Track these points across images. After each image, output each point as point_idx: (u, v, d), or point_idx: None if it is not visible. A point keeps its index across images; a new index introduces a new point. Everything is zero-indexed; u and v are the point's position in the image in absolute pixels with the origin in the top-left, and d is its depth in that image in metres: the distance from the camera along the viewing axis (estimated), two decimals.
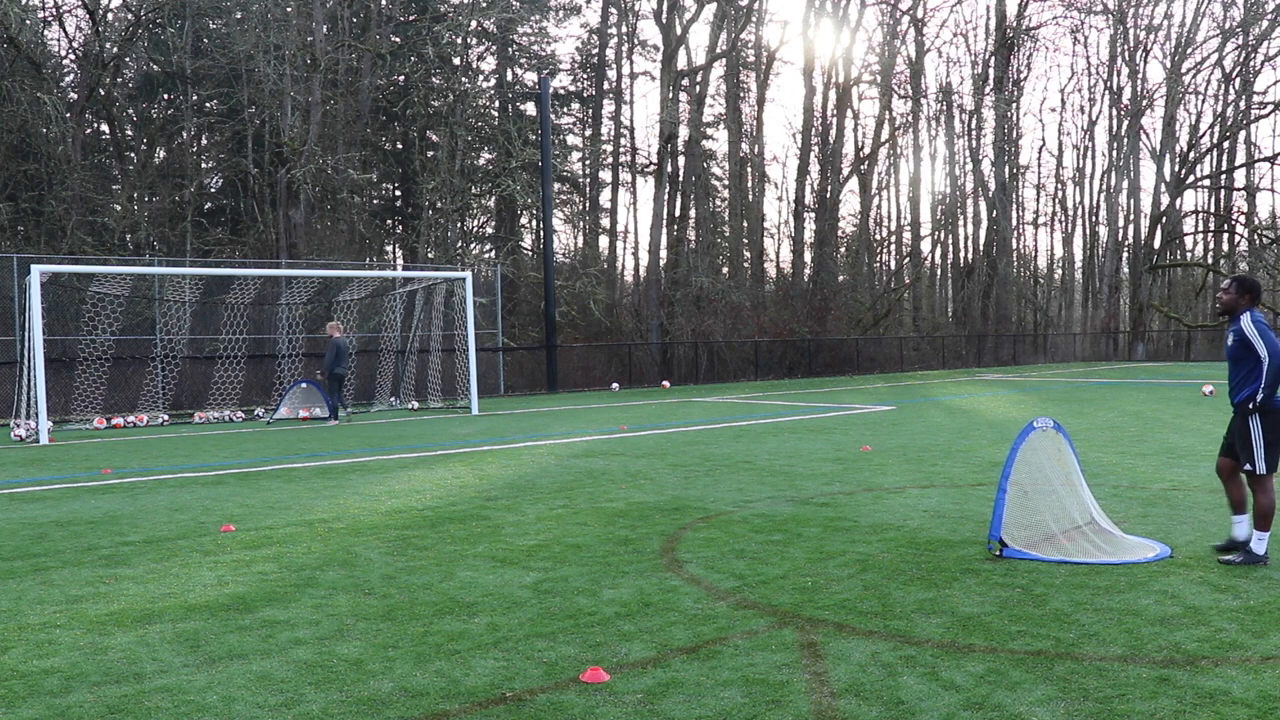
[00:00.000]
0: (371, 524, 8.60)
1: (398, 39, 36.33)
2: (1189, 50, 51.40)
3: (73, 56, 33.34)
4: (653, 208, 38.53)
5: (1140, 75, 52.65)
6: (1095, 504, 7.65)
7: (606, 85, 46.00)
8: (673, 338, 37.42)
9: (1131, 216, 54.86)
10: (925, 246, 54.60)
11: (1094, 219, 57.57)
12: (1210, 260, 56.62)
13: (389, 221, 40.98)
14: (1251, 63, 52.34)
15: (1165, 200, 52.92)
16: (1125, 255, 54.90)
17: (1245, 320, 6.67)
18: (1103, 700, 4.29)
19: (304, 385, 21.33)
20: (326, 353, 20.36)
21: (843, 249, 48.74)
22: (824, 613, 5.67)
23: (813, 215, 45.71)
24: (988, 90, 50.11)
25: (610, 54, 46.36)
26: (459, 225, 38.54)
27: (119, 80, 33.42)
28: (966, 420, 17.92)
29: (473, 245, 39.38)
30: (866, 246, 49.29)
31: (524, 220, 42.29)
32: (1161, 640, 5.07)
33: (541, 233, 36.06)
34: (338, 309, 25.05)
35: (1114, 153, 53.72)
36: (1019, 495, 7.15)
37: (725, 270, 42.83)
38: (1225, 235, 56.61)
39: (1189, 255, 58.57)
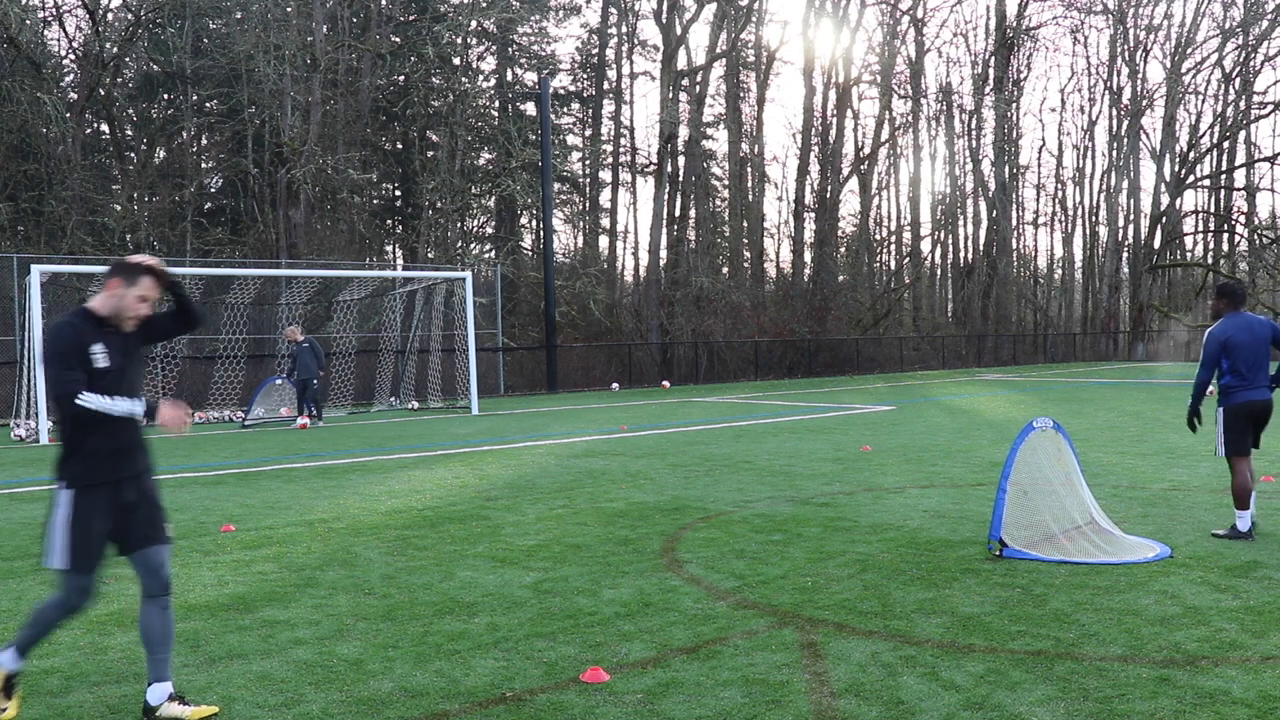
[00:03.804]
0: (371, 524, 8.61)
1: (398, 39, 36.33)
2: (1189, 50, 51.40)
3: (73, 56, 33.35)
4: (653, 208, 38.54)
5: (1140, 75, 52.64)
6: (1095, 504, 7.65)
7: (606, 85, 46.01)
8: (673, 338, 37.41)
9: (1131, 216, 54.87)
10: (925, 246, 54.65)
11: (1094, 219, 57.58)
12: (1210, 260, 56.61)
13: (389, 221, 40.99)
14: (1251, 63, 52.34)
15: (1165, 200, 52.91)
16: (1125, 255, 54.89)
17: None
18: (1103, 700, 4.29)
19: (276, 381, 20.80)
20: (304, 357, 19.61)
21: (843, 249, 48.74)
22: (824, 613, 5.67)
23: (813, 215, 45.71)
24: (988, 90, 50.11)
25: (610, 54, 46.40)
26: (459, 225, 38.55)
27: (119, 80, 33.43)
28: (966, 420, 17.92)
29: (473, 245, 39.38)
30: (866, 246, 49.28)
31: (524, 220, 42.30)
32: (1161, 640, 5.07)
33: (541, 233, 36.06)
34: (337, 309, 25.05)
35: (1114, 153, 53.71)
36: (1019, 495, 7.15)
37: (725, 270, 42.83)
38: (1225, 235, 56.61)
39: (1189, 255, 58.56)
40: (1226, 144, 54.56)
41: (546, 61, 41.92)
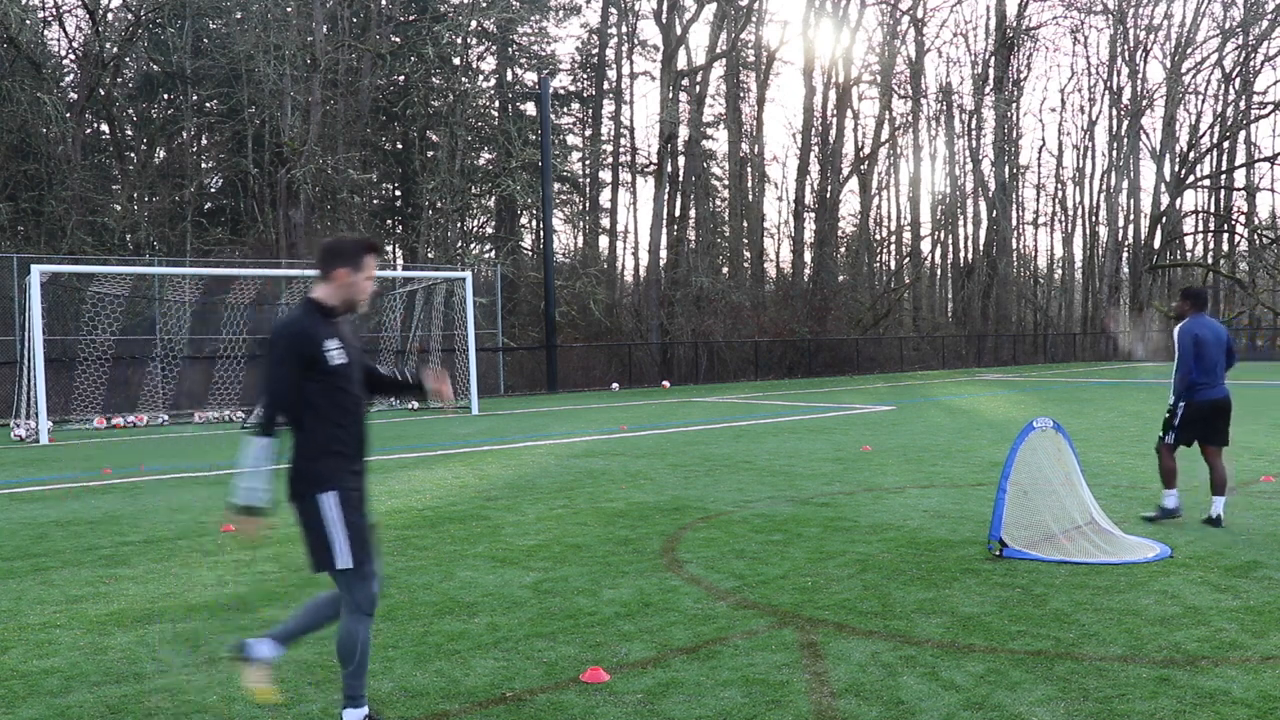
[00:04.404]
0: None
1: (398, 39, 36.32)
2: (1189, 50, 51.42)
3: (73, 56, 33.35)
4: (653, 208, 38.53)
5: (1140, 75, 52.67)
6: (1095, 504, 7.66)
7: (606, 85, 46.00)
8: (673, 338, 37.41)
9: (1131, 216, 54.87)
10: (925, 246, 54.62)
11: (1094, 219, 57.56)
12: (1210, 260, 56.60)
13: (389, 221, 40.97)
14: (1251, 63, 52.36)
15: (1165, 200, 52.92)
16: (1125, 255, 54.89)
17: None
18: (1103, 700, 4.29)
19: None
20: None
21: (843, 249, 48.72)
22: (824, 613, 5.67)
23: (813, 215, 45.70)
24: (988, 90, 50.10)
25: (610, 54, 46.38)
26: (459, 225, 38.53)
27: (119, 80, 33.42)
28: (966, 420, 17.92)
29: (473, 245, 39.38)
30: (866, 246, 49.27)
31: (524, 220, 42.29)
32: (1161, 640, 5.07)
33: (541, 233, 36.05)
34: None
35: (1114, 153, 53.71)
36: (1019, 495, 7.15)
37: (725, 270, 42.82)
38: (1225, 235, 56.61)
39: (1189, 255, 58.56)
40: (1226, 144, 54.57)
41: (546, 61, 41.91)
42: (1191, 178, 54.40)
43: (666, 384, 32.88)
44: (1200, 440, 8.14)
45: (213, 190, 36.22)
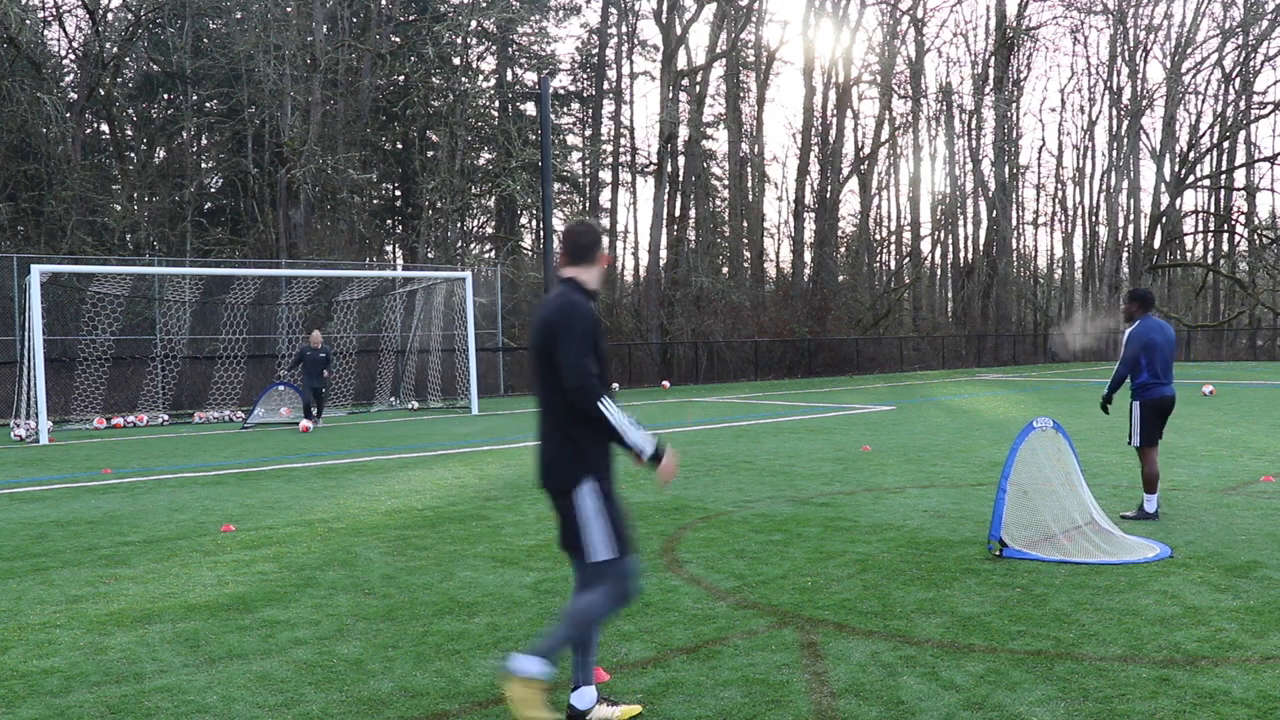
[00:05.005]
0: (371, 524, 8.60)
1: (398, 39, 36.33)
2: (1189, 50, 51.38)
3: (73, 56, 33.35)
4: (653, 208, 38.53)
5: (1140, 75, 52.62)
6: (1095, 504, 7.66)
7: (606, 85, 45.99)
8: (673, 338, 37.41)
9: (1131, 216, 54.83)
10: (925, 246, 54.62)
11: (1094, 219, 57.52)
12: (1210, 260, 56.60)
13: (389, 221, 40.98)
14: (1251, 63, 52.32)
15: (1165, 200, 52.90)
16: (1125, 255, 54.85)
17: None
18: (1103, 700, 4.29)
19: (280, 388, 20.61)
20: (321, 363, 19.46)
21: (843, 249, 48.72)
22: (824, 613, 5.67)
23: (813, 215, 45.71)
24: (988, 90, 50.09)
25: (610, 54, 46.38)
26: (459, 225, 38.53)
27: (119, 80, 33.42)
28: (966, 420, 17.91)
29: (473, 245, 39.38)
30: (866, 246, 49.26)
31: (524, 220, 42.30)
32: (1161, 640, 5.07)
33: (541, 233, 36.05)
34: (337, 309, 25.03)
35: (1114, 153, 53.69)
36: (1019, 495, 7.15)
37: (725, 270, 42.82)
38: (1225, 235, 56.57)
39: (1189, 255, 58.53)
40: (1226, 144, 54.53)
41: (546, 61, 41.89)
42: (1191, 178, 54.37)
43: (666, 384, 32.88)
44: None
45: (213, 190, 36.22)
